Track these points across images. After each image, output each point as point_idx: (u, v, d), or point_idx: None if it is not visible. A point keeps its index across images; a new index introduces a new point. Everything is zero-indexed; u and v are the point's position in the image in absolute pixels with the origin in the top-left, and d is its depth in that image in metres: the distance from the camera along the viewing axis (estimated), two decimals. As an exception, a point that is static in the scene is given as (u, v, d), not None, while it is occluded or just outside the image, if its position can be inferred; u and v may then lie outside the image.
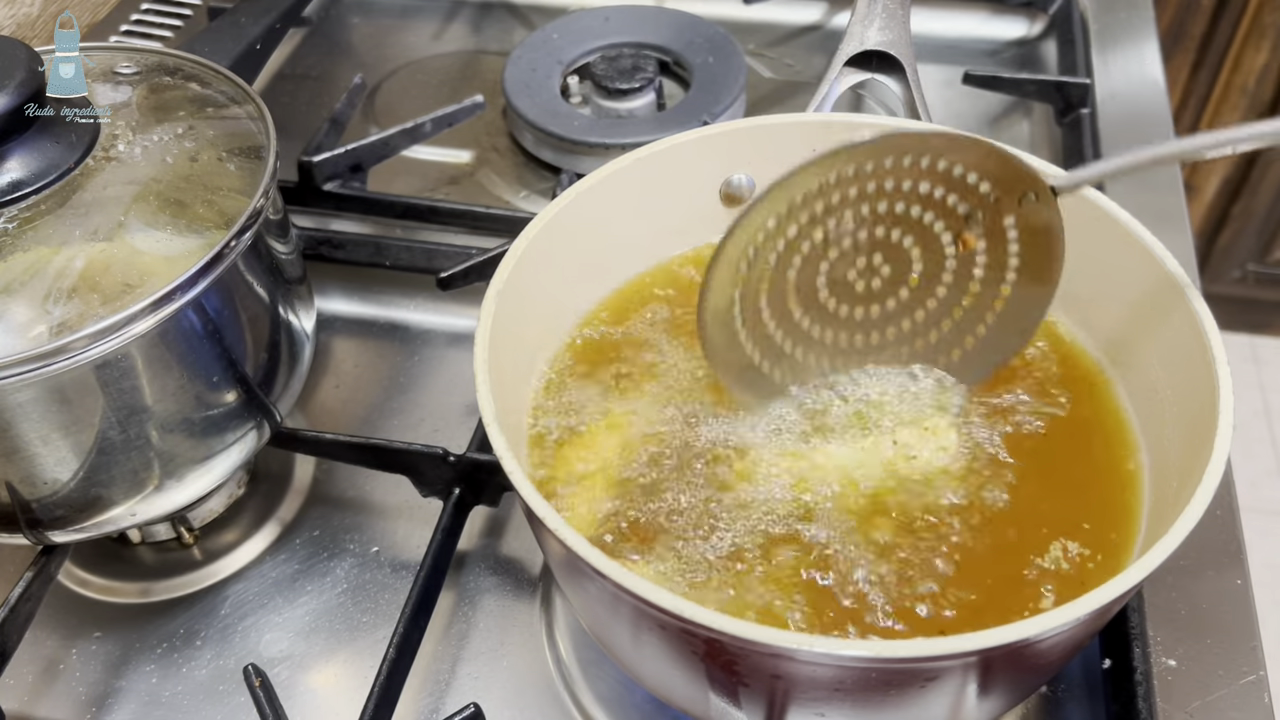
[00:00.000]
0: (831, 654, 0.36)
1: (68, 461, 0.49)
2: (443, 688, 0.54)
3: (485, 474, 0.58)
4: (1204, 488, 0.39)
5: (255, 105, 0.56)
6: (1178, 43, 1.53)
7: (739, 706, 0.42)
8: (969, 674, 0.39)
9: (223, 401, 0.53)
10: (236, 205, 0.51)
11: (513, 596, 0.58)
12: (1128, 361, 0.51)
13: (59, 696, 0.55)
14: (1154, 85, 0.85)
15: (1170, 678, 0.51)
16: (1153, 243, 0.49)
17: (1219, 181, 1.66)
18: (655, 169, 0.55)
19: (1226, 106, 1.58)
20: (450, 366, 0.70)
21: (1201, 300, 0.46)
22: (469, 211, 0.75)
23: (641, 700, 0.53)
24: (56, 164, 0.50)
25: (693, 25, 0.88)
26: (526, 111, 0.81)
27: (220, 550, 0.61)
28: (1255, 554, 0.58)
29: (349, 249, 0.73)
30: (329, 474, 0.64)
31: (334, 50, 0.98)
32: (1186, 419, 0.45)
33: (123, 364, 0.47)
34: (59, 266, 0.48)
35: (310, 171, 0.75)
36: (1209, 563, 0.55)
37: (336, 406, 0.68)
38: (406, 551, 0.60)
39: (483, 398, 0.44)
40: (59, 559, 0.56)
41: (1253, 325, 1.85)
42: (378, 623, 0.57)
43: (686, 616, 0.36)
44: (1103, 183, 0.50)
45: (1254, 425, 1.74)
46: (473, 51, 0.96)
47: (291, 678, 0.55)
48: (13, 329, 0.46)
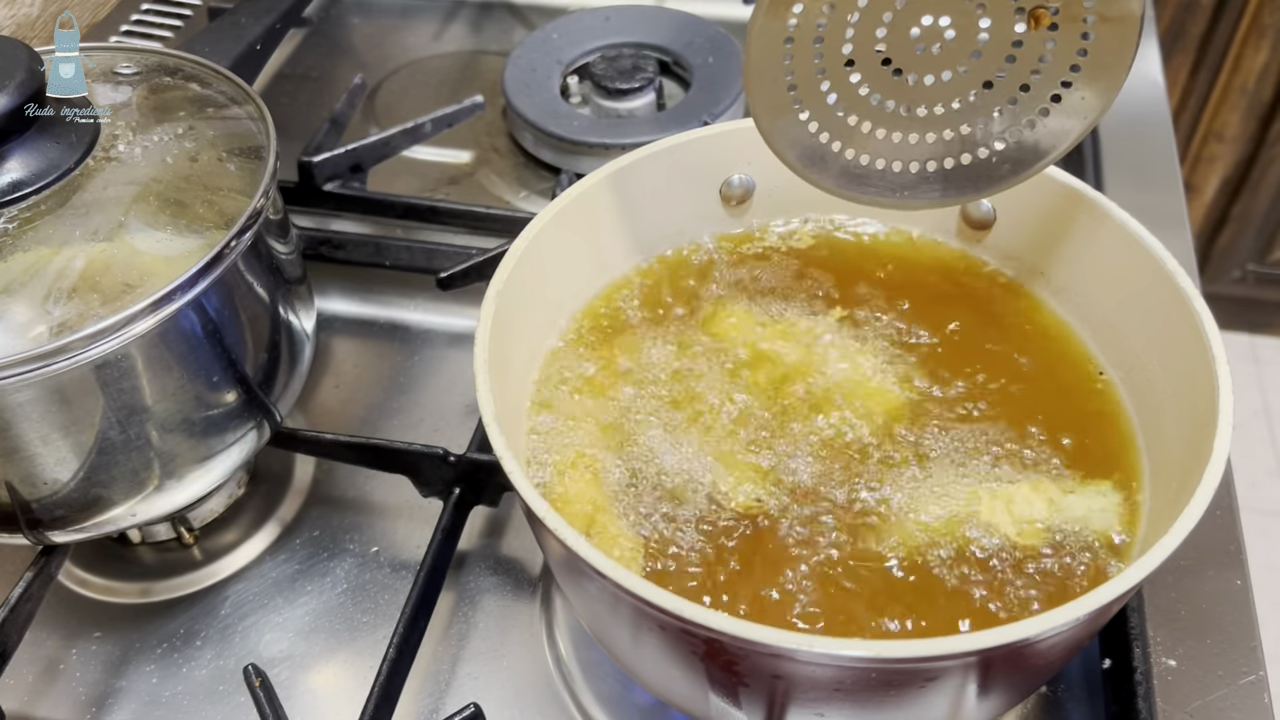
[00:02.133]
0: (831, 654, 0.36)
1: (68, 461, 0.49)
2: (443, 688, 0.54)
3: (485, 474, 0.58)
4: (1204, 488, 0.39)
5: (255, 105, 0.56)
6: (1177, 43, 1.53)
7: (739, 706, 0.42)
8: (969, 674, 0.39)
9: (223, 401, 0.53)
10: (236, 205, 0.51)
11: (513, 596, 0.58)
12: (1128, 361, 0.51)
13: (59, 696, 0.55)
14: (1154, 85, 0.85)
15: (1170, 678, 0.52)
16: (1153, 243, 0.49)
17: (1219, 181, 1.66)
18: (655, 169, 0.55)
19: (1226, 106, 1.58)
20: (450, 366, 0.70)
21: (1201, 300, 0.46)
22: (469, 211, 0.75)
23: (641, 700, 0.53)
24: (56, 164, 0.50)
25: (693, 25, 0.88)
26: (526, 111, 0.81)
27: (220, 550, 0.61)
28: (1255, 554, 0.58)
29: (349, 249, 0.73)
30: (329, 474, 0.64)
31: (334, 50, 0.98)
32: (1186, 419, 0.45)
33: (123, 364, 0.47)
34: (59, 266, 0.48)
35: (310, 171, 0.75)
36: (1209, 563, 0.55)
37: (336, 406, 0.68)
38: (406, 551, 0.60)
39: (483, 398, 0.44)
40: (59, 559, 0.56)
41: (1253, 325, 1.85)
42: (378, 623, 0.57)
43: (686, 616, 0.36)
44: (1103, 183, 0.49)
45: (1254, 425, 1.74)
46: (473, 51, 0.96)
47: (291, 678, 0.55)
48: (13, 329, 0.46)
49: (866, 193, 0.50)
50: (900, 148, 0.49)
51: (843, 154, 0.49)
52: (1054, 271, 0.54)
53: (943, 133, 0.48)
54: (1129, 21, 0.44)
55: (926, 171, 0.49)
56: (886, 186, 0.50)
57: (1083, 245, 0.52)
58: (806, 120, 0.48)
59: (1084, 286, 0.53)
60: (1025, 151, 0.48)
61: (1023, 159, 0.48)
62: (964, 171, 0.49)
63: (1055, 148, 0.48)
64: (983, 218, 0.55)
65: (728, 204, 0.58)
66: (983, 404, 0.50)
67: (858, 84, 0.46)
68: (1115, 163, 0.78)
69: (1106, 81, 0.45)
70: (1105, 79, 0.45)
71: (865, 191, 0.50)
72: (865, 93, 0.47)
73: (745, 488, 0.47)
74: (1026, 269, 0.55)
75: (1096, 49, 0.45)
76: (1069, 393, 0.51)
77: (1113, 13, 0.44)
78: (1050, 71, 0.46)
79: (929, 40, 0.45)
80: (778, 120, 0.48)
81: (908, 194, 0.50)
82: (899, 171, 0.49)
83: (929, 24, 0.45)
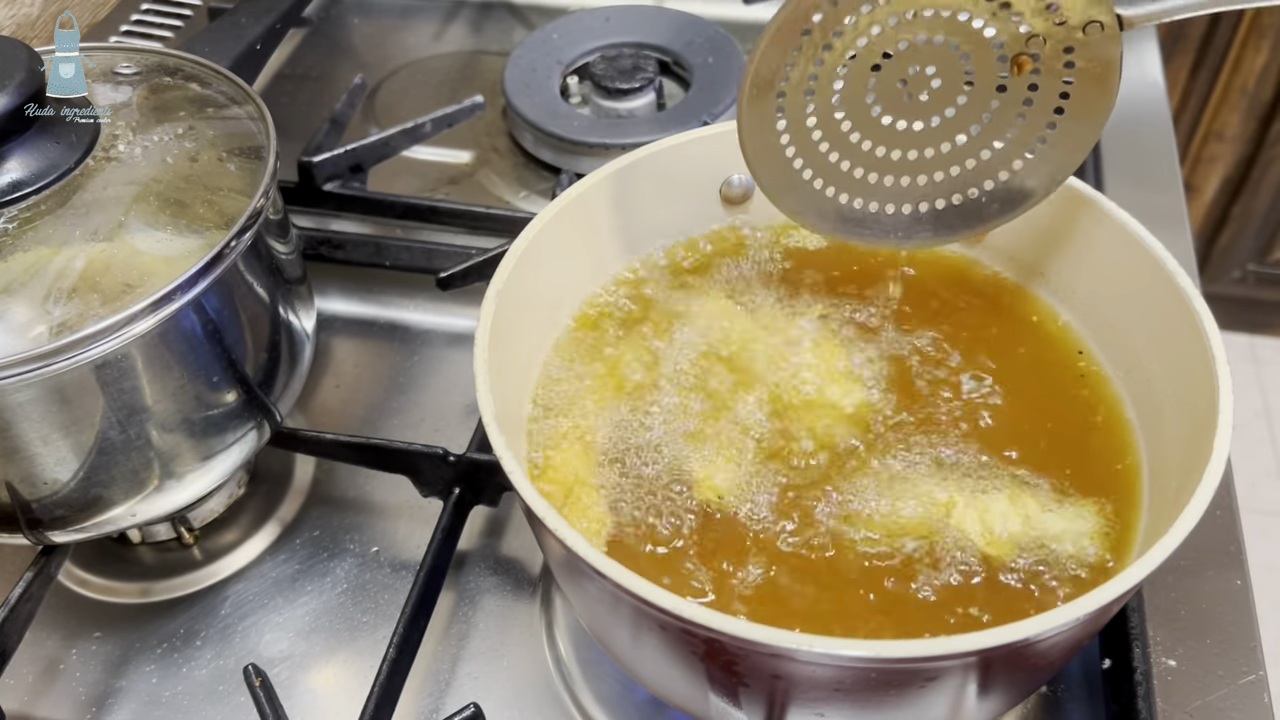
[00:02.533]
0: (831, 654, 0.36)
1: (68, 461, 0.49)
2: (443, 688, 0.54)
3: (485, 474, 0.58)
4: (1204, 488, 0.39)
5: (255, 105, 0.56)
6: (1178, 43, 1.53)
7: (739, 706, 0.42)
8: (969, 674, 0.39)
9: (223, 401, 0.53)
10: (236, 205, 0.51)
11: (513, 596, 0.58)
12: (1128, 361, 0.51)
13: (59, 696, 0.55)
14: (1154, 86, 0.85)
15: (1170, 678, 0.52)
16: (1153, 243, 0.49)
17: (1219, 181, 1.66)
18: (655, 169, 0.55)
19: (1226, 107, 1.58)
20: (450, 366, 0.70)
21: (1201, 300, 0.46)
22: (469, 211, 0.75)
23: (641, 700, 0.53)
24: (56, 164, 0.50)
25: (693, 25, 0.88)
26: (526, 111, 0.81)
27: (220, 550, 0.61)
28: (1255, 554, 0.58)
29: (349, 249, 0.73)
30: (329, 474, 0.64)
31: (334, 50, 0.98)
32: (1186, 419, 0.45)
33: (123, 364, 0.47)
34: (59, 266, 0.48)
35: (310, 171, 0.75)
36: (1209, 563, 0.55)
37: (336, 406, 0.68)
38: (406, 551, 0.60)
39: (483, 398, 0.44)
40: (59, 559, 0.56)
41: (1253, 325, 1.85)
42: (378, 623, 0.57)
43: (686, 616, 0.36)
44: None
45: (1254, 425, 1.74)
46: (473, 51, 0.96)
47: (291, 678, 0.55)
48: (13, 329, 0.46)
49: (863, 236, 0.51)
50: (893, 191, 0.50)
51: (837, 199, 0.50)
52: (1054, 272, 0.54)
53: (934, 175, 0.49)
54: (1109, 66, 0.45)
55: (919, 213, 0.51)
56: (881, 229, 0.51)
57: (1082, 245, 0.52)
58: (805, 174, 0.49)
59: (1084, 287, 0.53)
60: (1013, 191, 0.50)
61: (1011, 198, 0.50)
62: (955, 211, 0.51)
63: (1042, 186, 0.49)
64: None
65: (728, 204, 0.58)
66: (979, 406, 0.50)
67: (849, 132, 0.48)
68: (1115, 163, 0.78)
69: (1089, 122, 0.47)
70: (1088, 120, 0.47)
71: (861, 235, 0.51)
72: (857, 139, 0.48)
73: (720, 478, 0.48)
74: (1026, 269, 0.55)
75: (1078, 93, 0.46)
76: (1065, 393, 0.51)
77: (1092, 59, 0.45)
78: (1034, 115, 0.47)
79: (916, 89, 0.47)
80: (782, 187, 0.49)
81: (901, 235, 0.51)
82: (892, 214, 0.51)
83: (915, 73, 0.46)
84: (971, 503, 0.46)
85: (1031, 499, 0.46)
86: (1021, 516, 0.46)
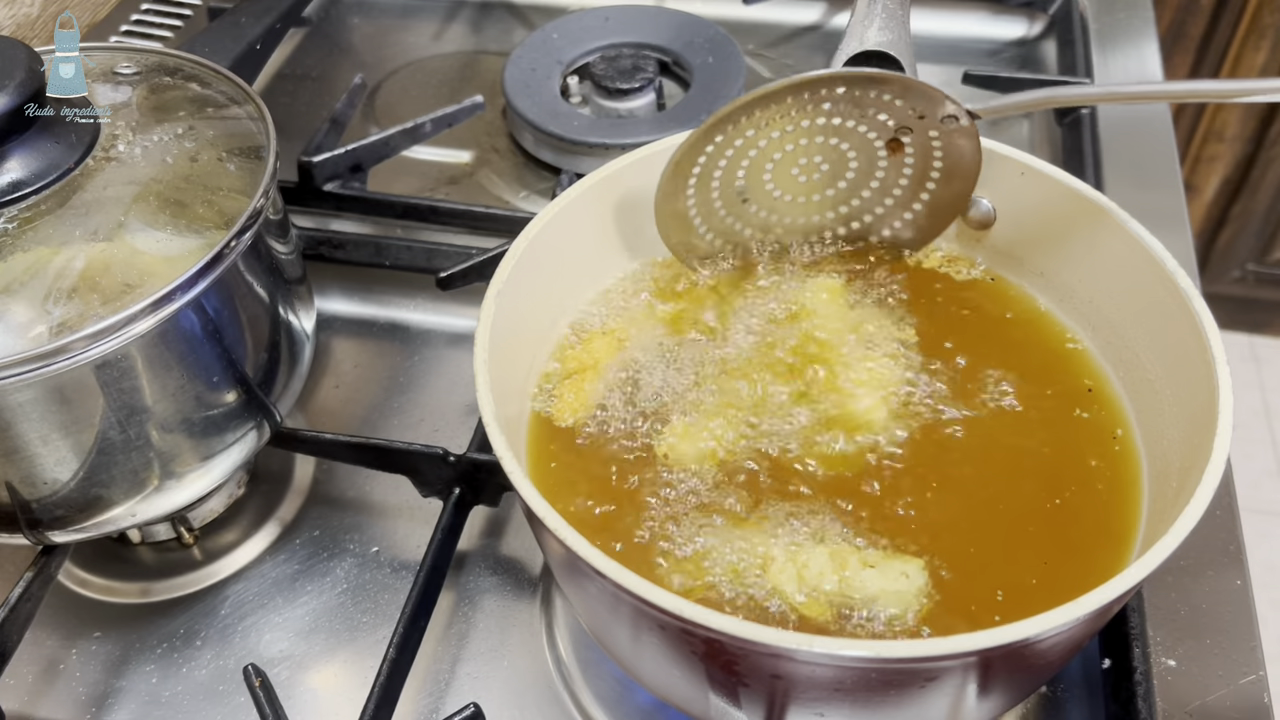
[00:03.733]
0: (831, 654, 0.36)
1: (68, 461, 0.49)
2: (443, 688, 0.54)
3: (485, 474, 0.58)
4: (1204, 488, 0.39)
5: (255, 105, 0.56)
6: (1177, 43, 1.53)
7: (739, 706, 0.42)
8: (969, 674, 0.39)
9: (223, 401, 0.53)
10: (236, 205, 0.51)
11: (513, 596, 0.58)
12: (1127, 361, 0.51)
13: (59, 696, 0.55)
14: (1154, 85, 0.85)
15: (1170, 678, 0.52)
16: (1152, 243, 0.49)
17: (1219, 181, 1.66)
18: (655, 169, 0.55)
19: (1226, 107, 1.58)
20: (450, 366, 0.70)
21: (1201, 300, 0.46)
22: (469, 211, 0.75)
23: (641, 700, 0.53)
24: (56, 164, 0.50)
25: (693, 25, 0.88)
26: (526, 111, 0.81)
27: (220, 550, 0.61)
28: (1255, 554, 0.58)
29: (349, 249, 0.73)
30: (329, 474, 0.64)
31: (334, 50, 0.98)
32: (1186, 419, 0.45)
33: (123, 364, 0.47)
34: (59, 266, 0.48)
35: (310, 171, 0.75)
36: (1209, 563, 0.55)
37: (336, 406, 0.68)
38: (406, 551, 0.60)
39: (483, 398, 0.44)
40: (59, 559, 0.56)
41: (1252, 325, 1.85)
42: (378, 623, 0.57)
43: (686, 616, 0.36)
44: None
45: (1254, 425, 1.74)
46: (473, 51, 0.96)
47: (291, 678, 0.55)
48: (13, 329, 0.46)
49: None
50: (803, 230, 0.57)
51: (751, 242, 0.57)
52: (1053, 271, 0.54)
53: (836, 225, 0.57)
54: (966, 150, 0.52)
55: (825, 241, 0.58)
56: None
57: (1082, 245, 0.52)
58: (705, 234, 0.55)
59: (1083, 286, 0.53)
60: (902, 241, 0.57)
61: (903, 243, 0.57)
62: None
63: (920, 239, 0.57)
64: (983, 218, 0.55)
65: (727, 204, 0.58)
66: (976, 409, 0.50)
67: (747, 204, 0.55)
68: (1115, 163, 0.78)
69: (960, 185, 0.54)
70: (959, 187, 0.54)
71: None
72: (754, 210, 0.55)
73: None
74: (1026, 269, 0.55)
75: (946, 168, 0.53)
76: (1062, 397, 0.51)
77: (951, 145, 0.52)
78: (912, 183, 0.55)
79: (809, 172, 0.55)
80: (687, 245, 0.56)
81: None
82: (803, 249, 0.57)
83: (805, 163, 0.54)
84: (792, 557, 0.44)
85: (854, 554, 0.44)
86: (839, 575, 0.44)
